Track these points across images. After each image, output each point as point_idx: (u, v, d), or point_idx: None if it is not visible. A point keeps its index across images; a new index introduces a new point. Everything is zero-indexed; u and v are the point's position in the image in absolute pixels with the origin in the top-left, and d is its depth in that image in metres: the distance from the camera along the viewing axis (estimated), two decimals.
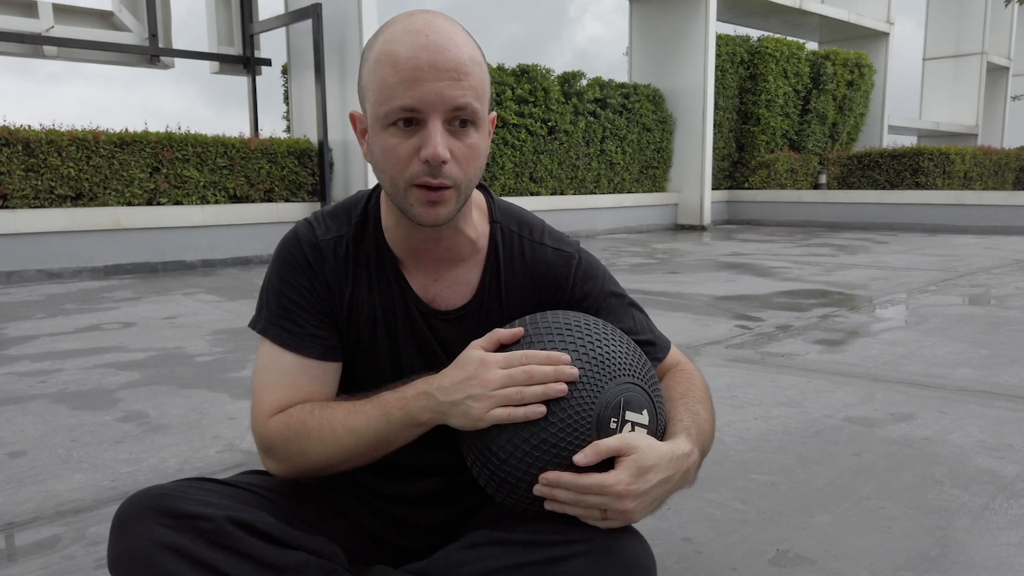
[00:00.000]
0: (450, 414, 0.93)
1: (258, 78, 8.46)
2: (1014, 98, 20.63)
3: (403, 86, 0.90)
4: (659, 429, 0.97)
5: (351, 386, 1.08)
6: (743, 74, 12.36)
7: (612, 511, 0.88)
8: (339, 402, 1.01)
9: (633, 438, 0.90)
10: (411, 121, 0.92)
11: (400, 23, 0.94)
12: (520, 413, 0.90)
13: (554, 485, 0.89)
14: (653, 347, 1.12)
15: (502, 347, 0.97)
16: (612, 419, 0.91)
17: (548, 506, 0.91)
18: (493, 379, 0.91)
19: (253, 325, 1.08)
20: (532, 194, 9.54)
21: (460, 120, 0.93)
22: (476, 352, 0.94)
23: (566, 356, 0.92)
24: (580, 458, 0.88)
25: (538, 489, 0.91)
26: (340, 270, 1.07)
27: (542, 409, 0.90)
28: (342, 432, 0.97)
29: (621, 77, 11.50)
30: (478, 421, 0.91)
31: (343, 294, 1.07)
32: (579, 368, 0.93)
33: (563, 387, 0.90)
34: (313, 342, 1.05)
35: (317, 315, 1.06)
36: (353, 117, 1.02)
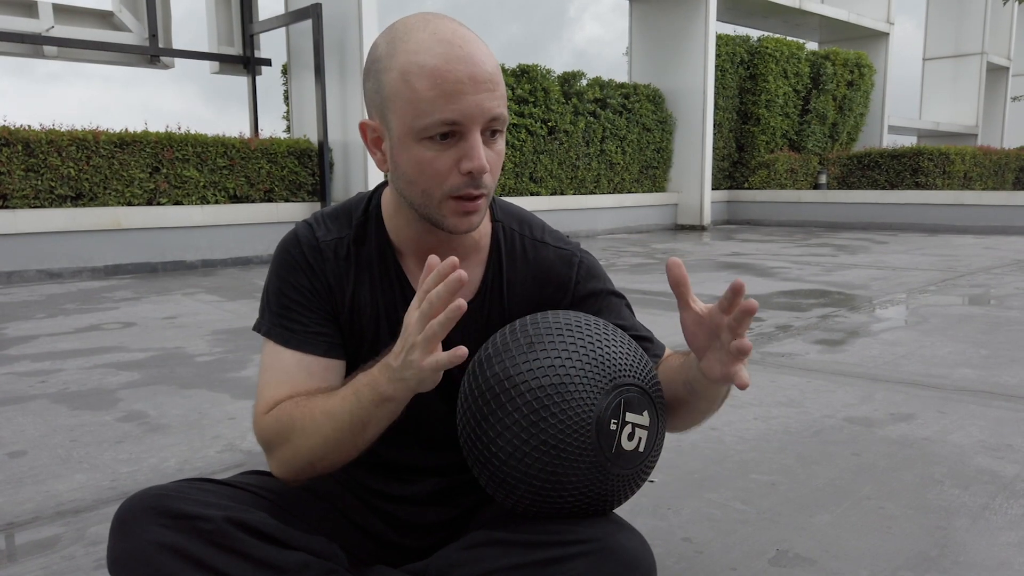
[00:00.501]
0: (407, 378, 0.88)
1: (258, 78, 8.46)
2: (1014, 99, 20.62)
3: (445, 99, 0.89)
4: (660, 430, 0.97)
5: None
6: (743, 74, 12.35)
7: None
8: (323, 391, 1.00)
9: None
10: (448, 134, 0.92)
11: (423, 31, 0.92)
12: (444, 359, 0.85)
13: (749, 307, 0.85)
14: (651, 344, 1.12)
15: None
16: (612, 420, 0.91)
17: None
18: (413, 323, 0.86)
19: (257, 328, 1.07)
20: (532, 194, 9.54)
21: (491, 130, 0.94)
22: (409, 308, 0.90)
23: (451, 260, 0.85)
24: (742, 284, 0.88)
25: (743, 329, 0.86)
26: (341, 271, 1.07)
27: (463, 351, 0.84)
28: (320, 417, 0.95)
29: (621, 77, 11.51)
30: (425, 371, 0.86)
31: (344, 294, 1.07)
32: (580, 369, 0.93)
33: (461, 304, 0.83)
34: (315, 339, 1.04)
35: (318, 313, 1.05)
36: (364, 127, 1.00)
